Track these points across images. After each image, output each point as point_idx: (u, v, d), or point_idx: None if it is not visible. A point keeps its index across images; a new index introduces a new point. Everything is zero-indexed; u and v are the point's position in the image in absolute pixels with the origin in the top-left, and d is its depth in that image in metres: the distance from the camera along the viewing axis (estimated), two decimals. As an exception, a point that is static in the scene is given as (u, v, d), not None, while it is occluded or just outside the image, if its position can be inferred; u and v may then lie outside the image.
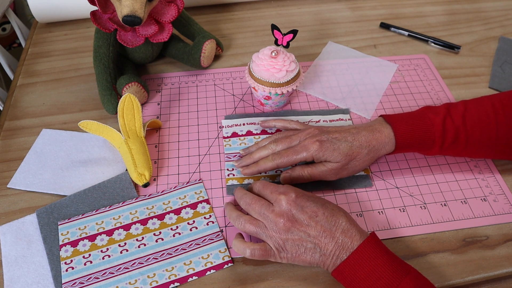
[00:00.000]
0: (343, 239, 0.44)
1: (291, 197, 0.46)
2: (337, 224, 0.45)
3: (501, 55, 0.76)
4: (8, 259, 0.50)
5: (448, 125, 0.52)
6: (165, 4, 0.63)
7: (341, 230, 0.44)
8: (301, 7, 0.87)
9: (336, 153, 0.51)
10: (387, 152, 0.54)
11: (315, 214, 0.45)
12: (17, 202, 0.56)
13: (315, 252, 0.45)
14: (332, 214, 0.45)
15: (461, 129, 0.52)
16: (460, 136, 0.52)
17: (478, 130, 0.52)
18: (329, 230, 0.44)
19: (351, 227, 0.45)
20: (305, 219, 0.45)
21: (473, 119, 0.52)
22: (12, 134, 0.64)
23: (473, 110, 0.53)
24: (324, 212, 0.45)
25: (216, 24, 0.83)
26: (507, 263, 0.50)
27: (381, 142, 0.53)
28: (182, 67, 0.74)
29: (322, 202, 0.47)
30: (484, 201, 0.55)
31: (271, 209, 0.47)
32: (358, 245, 0.43)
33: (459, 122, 0.52)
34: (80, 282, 0.48)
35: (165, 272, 0.49)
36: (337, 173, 0.53)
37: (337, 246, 0.44)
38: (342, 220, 0.45)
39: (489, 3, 0.88)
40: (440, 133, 0.52)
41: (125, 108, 0.58)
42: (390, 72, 0.72)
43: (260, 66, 0.60)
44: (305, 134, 0.54)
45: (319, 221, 0.45)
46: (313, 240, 0.44)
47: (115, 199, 0.55)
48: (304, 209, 0.46)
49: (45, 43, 0.80)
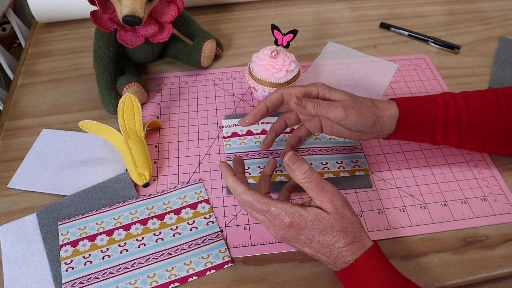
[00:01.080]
0: (339, 260, 0.43)
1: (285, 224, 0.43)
2: (332, 249, 0.43)
3: (501, 55, 0.76)
4: (8, 259, 0.50)
5: (450, 103, 0.52)
6: (165, 4, 0.63)
7: (336, 254, 0.43)
8: (301, 7, 0.87)
9: (340, 91, 0.51)
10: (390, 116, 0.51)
11: (310, 241, 0.43)
12: (17, 202, 0.56)
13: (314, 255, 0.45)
14: (328, 242, 0.43)
15: (463, 110, 0.52)
16: (463, 116, 0.51)
17: (480, 114, 0.52)
18: (323, 252, 0.43)
19: (349, 248, 0.43)
20: (301, 241, 0.44)
21: (475, 103, 0.52)
22: (12, 134, 0.64)
23: (476, 96, 0.53)
24: (320, 239, 0.43)
25: (216, 24, 0.83)
26: (507, 263, 0.50)
27: (383, 103, 0.52)
28: (182, 67, 0.74)
29: (321, 229, 0.42)
30: (484, 201, 0.55)
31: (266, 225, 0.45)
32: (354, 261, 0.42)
33: (461, 102, 0.52)
34: (80, 282, 0.48)
35: (165, 272, 0.49)
36: (346, 108, 0.48)
37: (332, 263, 0.44)
38: (339, 245, 0.42)
39: (489, 3, 0.88)
40: (443, 110, 0.51)
41: (125, 108, 0.58)
42: (390, 72, 0.72)
43: (260, 66, 0.60)
44: None
45: (313, 247, 0.43)
46: (309, 252, 0.45)
47: (115, 199, 0.55)
48: (299, 236, 0.43)
49: (45, 43, 0.80)
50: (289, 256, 0.51)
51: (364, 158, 0.60)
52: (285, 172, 0.58)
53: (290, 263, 0.50)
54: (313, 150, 0.60)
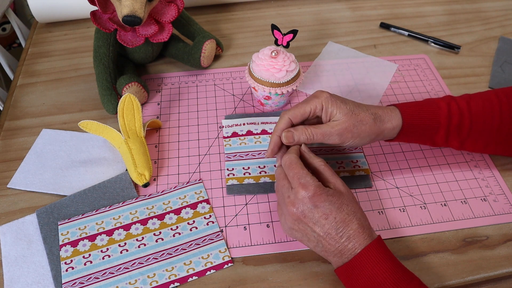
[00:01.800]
0: (347, 244, 0.44)
1: (308, 194, 0.45)
2: (345, 230, 0.44)
3: (501, 55, 0.76)
4: (8, 259, 0.50)
5: (453, 108, 0.52)
6: (165, 4, 0.63)
7: (348, 236, 0.44)
8: (301, 7, 0.87)
9: (343, 107, 0.50)
10: (392, 128, 0.51)
11: (326, 216, 0.44)
12: (17, 202, 0.56)
13: (318, 246, 0.45)
14: (343, 220, 0.44)
15: (466, 114, 0.52)
16: (465, 120, 0.52)
17: (482, 117, 0.52)
18: (335, 233, 0.44)
19: (361, 232, 0.44)
20: (315, 218, 0.45)
21: (477, 106, 0.52)
22: (12, 134, 0.64)
23: (478, 99, 0.53)
24: (336, 216, 0.44)
25: (216, 24, 0.83)
26: (507, 263, 0.50)
27: (387, 114, 0.51)
28: (182, 67, 0.74)
29: (339, 205, 0.45)
30: (484, 201, 0.55)
31: (287, 194, 0.46)
32: (361, 250, 0.43)
33: (464, 106, 0.52)
34: (80, 282, 0.48)
35: (165, 272, 0.49)
36: (341, 134, 0.49)
37: (340, 248, 0.44)
38: (353, 226, 0.44)
39: (489, 3, 0.88)
40: (445, 115, 0.52)
41: (125, 108, 0.58)
42: (390, 72, 0.72)
43: (260, 66, 0.60)
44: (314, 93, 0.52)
45: (328, 223, 0.44)
46: (317, 237, 0.45)
47: (115, 199, 0.55)
48: (317, 209, 0.44)
49: (45, 43, 0.80)
50: (289, 256, 0.51)
51: (364, 158, 0.60)
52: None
53: (290, 263, 0.50)
54: (313, 150, 0.60)
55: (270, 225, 0.53)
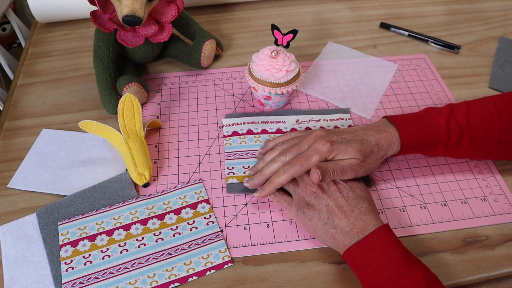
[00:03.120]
0: (358, 221, 0.46)
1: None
2: (357, 206, 0.47)
3: (501, 55, 0.76)
4: (8, 259, 0.50)
5: (452, 125, 0.52)
6: (165, 4, 0.63)
7: (358, 212, 0.47)
8: (301, 7, 0.87)
9: (349, 149, 0.50)
10: (393, 154, 0.53)
11: (340, 190, 0.49)
12: (17, 202, 0.56)
13: (327, 223, 0.47)
14: (355, 197, 0.48)
15: (465, 129, 0.52)
16: (464, 136, 0.52)
17: (482, 129, 0.52)
18: (347, 207, 0.47)
19: (369, 213, 0.47)
20: (331, 190, 0.49)
21: (476, 118, 0.52)
22: (12, 134, 0.64)
23: (476, 110, 0.53)
24: (349, 192, 0.49)
25: (216, 24, 0.83)
26: (507, 263, 0.50)
27: (388, 142, 0.52)
28: (182, 67, 0.74)
29: (352, 186, 0.50)
30: (484, 201, 0.55)
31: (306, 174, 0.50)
32: (373, 230, 0.45)
33: (463, 121, 0.52)
34: (80, 282, 0.48)
35: (165, 272, 0.49)
36: (356, 170, 0.50)
37: (350, 225, 0.46)
38: (363, 205, 0.48)
39: (489, 3, 0.88)
40: (444, 133, 0.52)
41: (125, 108, 0.58)
42: (390, 72, 0.72)
43: (260, 66, 0.60)
44: (313, 137, 0.52)
45: (342, 196, 0.48)
46: (330, 210, 0.47)
47: (115, 199, 0.55)
48: (332, 183, 0.49)
49: (45, 43, 0.80)
50: (289, 256, 0.51)
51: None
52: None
53: (290, 263, 0.50)
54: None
55: (270, 225, 0.53)
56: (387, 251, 0.44)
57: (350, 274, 0.49)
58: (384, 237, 0.45)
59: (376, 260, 0.43)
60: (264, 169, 0.53)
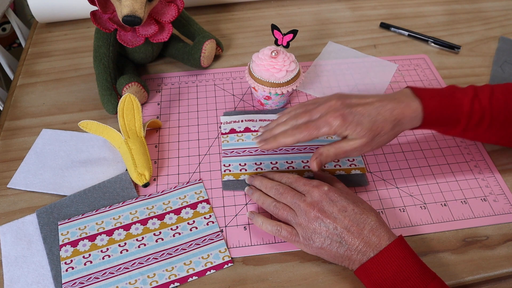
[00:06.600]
0: (371, 237, 0.45)
1: (323, 189, 0.48)
2: (366, 222, 0.46)
3: (501, 55, 0.76)
4: (8, 259, 0.50)
5: (476, 106, 0.50)
6: (165, 4, 0.63)
7: (369, 228, 0.45)
8: (301, 7, 0.87)
9: (359, 128, 0.48)
10: (411, 127, 0.51)
11: (345, 209, 0.46)
12: (17, 202, 0.56)
13: (341, 246, 0.45)
14: (361, 212, 0.46)
15: (487, 111, 0.50)
16: (485, 118, 0.51)
17: (503, 114, 0.51)
18: (356, 225, 0.45)
19: (380, 227, 0.46)
20: (334, 212, 0.46)
21: (499, 102, 0.51)
22: (12, 134, 0.64)
23: (500, 93, 0.52)
24: (354, 208, 0.47)
25: (216, 24, 0.83)
26: (507, 263, 0.50)
27: (407, 116, 0.49)
28: (182, 67, 0.74)
29: (354, 199, 0.48)
30: (484, 201, 0.55)
31: (303, 199, 0.48)
32: (387, 245, 0.44)
33: (486, 104, 0.51)
34: (80, 282, 0.48)
35: (165, 272, 0.49)
36: (361, 150, 0.50)
37: (363, 243, 0.45)
38: (372, 219, 0.46)
39: (489, 3, 0.88)
40: (467, 113, 0.50)
41: (125, 108, 0.58)
42: (390, 72, 0.72)
43: (260, 66, 0.60)
44: (326, 108, 0.50)
45: (348, 215, 0.46)
46: (340, 234, 0.45)
47: (115, 199, 0.55)
48: (334, 203, 0.47)
49: (45, 43, 0.80)
50: (289, 256, 0.51)
51: (360, 157, 0.59)
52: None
53: (290, 263, 0.50)
54: (310, 148, 0.60)
55: (270, 225, 0.53)
56: (403, 266, 0.43)
57: (350, 274, 0.49)
58: (399, 252, 0.44)
59: (392, 275, 0.42)
60: (274, 128, 0.53)
